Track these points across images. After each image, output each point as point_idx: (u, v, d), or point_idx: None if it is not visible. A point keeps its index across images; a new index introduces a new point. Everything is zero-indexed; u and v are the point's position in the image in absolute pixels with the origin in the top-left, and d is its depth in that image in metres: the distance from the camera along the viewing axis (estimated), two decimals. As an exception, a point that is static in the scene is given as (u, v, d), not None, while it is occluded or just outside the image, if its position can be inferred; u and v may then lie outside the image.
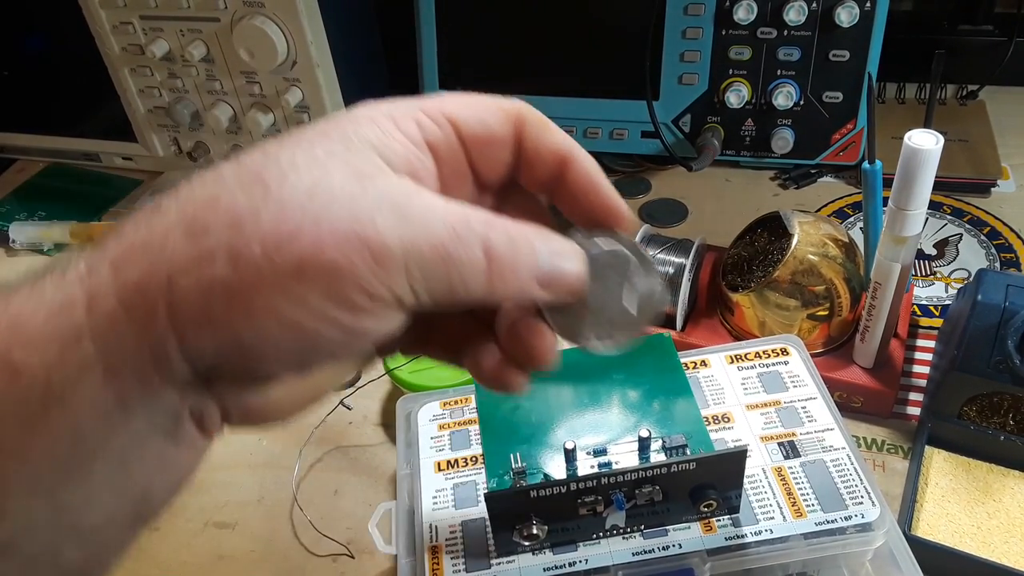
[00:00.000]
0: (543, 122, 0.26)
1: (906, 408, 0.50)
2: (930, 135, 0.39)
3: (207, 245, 0.20)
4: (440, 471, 0.41)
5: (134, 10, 0.64)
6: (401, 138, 0.24)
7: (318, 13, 0.61)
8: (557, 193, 0.27)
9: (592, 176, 0.26)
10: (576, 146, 0.26)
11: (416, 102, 0.25)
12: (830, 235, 0.48)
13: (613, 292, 0.26)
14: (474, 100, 0.26)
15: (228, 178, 0.22)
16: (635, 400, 0.40)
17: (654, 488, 0.34)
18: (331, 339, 0.22)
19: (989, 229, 0.61)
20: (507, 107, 0.26)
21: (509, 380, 0.26)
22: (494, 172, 0.27)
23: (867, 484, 0.37)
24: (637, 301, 0.26)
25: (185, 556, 0.46)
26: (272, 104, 0.66)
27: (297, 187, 0.21)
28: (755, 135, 0.66)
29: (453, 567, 0.36)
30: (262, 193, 0.21)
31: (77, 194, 0.76)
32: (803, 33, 0.61)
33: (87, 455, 0.21)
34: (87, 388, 0.20)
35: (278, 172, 0.22)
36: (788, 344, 0.45)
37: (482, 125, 0.25)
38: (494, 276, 0.23)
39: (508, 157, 0.26)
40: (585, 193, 0.26)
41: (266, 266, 0.20)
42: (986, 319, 0.42)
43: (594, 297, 0.25)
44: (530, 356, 0.26)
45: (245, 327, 0.21)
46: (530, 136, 0.26)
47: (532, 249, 0.23)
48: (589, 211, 0.27)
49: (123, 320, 0.20)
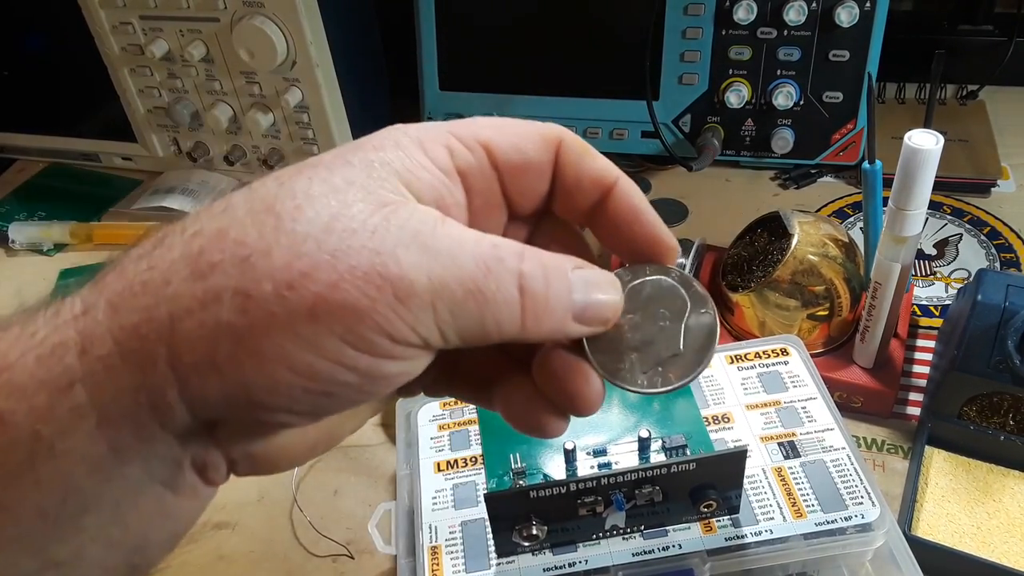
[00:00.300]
0: (584, 148, 0.24)
1: (906, 408, 0.49)
2: (930, 135, 0.39)
3: (213, 284, 0.19)
4: (440, 471, 0.41)
5: (134, 10, 0.64)
6: (429, 164, 0.22)
7: (318, 13, 0.61)
8: (597, 223, 0.25)
9: (636, 204, 0.24)
10: (619, 173, 0.24)
11: (447, 126, 0.23)
12: (830, 235, 0.48)
13: (660, 327, 0.24)
14: (510, 124, 0.24)
15: (238, 209, 0.20)
16: (635, 400, 0.40)
17: (654, 488, 0.34)
18: (348, 385, 0.20)
19: (989, 229, 0.61)
20: (545, 132, 0.24)
21: (545, 423, 0.24)
22: (529, 201, 0.25)
23: (867, 484, 0.37)
24: (683, 336, 0.24)
25: (184, 556, 0.46)
26: (272, 104, 0.66)
27: (313, 220, 0.19)
28: (755, 135, 0.66)
29: (453, 568, 0.36)
30: (274, 226, 0.19)
31: (77, 194, 0.76)
32: (803, 33, 0.61)
33: (79, 508, 0.20)
34: (79, 439, 0.19)
35: (292, 204, 0.20)
36: (788, 344, 0.45)
37: (518, 151, 0.23)
38: (528, 314, 0.21)
39: (545, 186, 0.24)
40: (629, 224, 0.24)
41: (278, 307, 0.19)
42: (986, 319, 0.42)
43: (639, 333, 0.24)
44: (571, 399, 0.23)
45: (254, 374, 0.19)
46: (570, 163, 0.24)
47: (566, 281, 0.22)
48: (632, 242, 0.25)
49: (119, 366, 0.19)
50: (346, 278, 0.19)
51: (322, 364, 0.19)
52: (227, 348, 0.19)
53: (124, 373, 0.19)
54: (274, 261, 0.19)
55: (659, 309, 0.24)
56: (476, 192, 0.23)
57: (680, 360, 0.24)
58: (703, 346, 0.24)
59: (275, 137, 0.69)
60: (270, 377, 0.19)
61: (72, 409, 0.19)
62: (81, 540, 0.20)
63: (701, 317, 0.24)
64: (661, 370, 0.24)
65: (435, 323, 0.20)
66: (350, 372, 0.20)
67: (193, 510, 0.22)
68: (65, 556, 0.20)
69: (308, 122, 0.66)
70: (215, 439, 0.21)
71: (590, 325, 0.22)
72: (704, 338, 0.24)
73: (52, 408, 0.19)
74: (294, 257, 0.19)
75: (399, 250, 0.19)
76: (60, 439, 0.19)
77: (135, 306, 0.19)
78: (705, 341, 0.24)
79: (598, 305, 0.22)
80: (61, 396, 0.19)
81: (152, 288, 0.19)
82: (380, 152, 0.22)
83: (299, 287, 0.19)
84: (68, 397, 0.19)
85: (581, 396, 0.23)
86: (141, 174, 0.77)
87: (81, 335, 0.19)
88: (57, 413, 0.19)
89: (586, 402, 0.23)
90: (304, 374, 0.19)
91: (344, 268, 0.19)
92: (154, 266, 0.20)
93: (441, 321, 0.20)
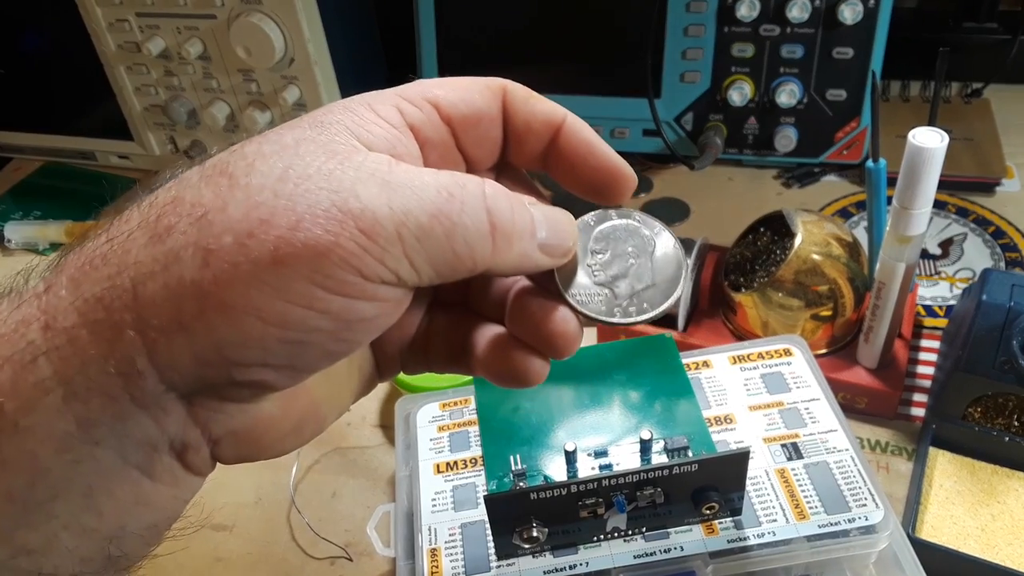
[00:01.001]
0: (528, 92, 0.25)
1: (910, 409, 0.49)
2: (934, 133, 0.39)
3: (172, 245, 0.19)
4: (439, 473, 0.40)
5: (130, 7, 0.63)
6: (380, 120, 0.22)
7: (316, 10, 0.61)
8: (553, 163, 0.25)
9: (588, 138, 0.25)
10: (566, 111, 0.25)
11: (395, 90, 0.24)
12: (834, 234, 0.48)
13: (629, 264, 0.25)
14: (455, 80, 0.25)
15: (192, 177, 0.20)
16: (636, 401, 0.39)
17: (655, 490, 0.34)
18: (323, 330, 0.19)
19: (994, 228, 0.61)
20: (489, 82, 0.25)
21: (526, 368, 0.24)
22: (485, 152, 0.25)
23: (871, 486, 0.37)
24: (652, 269, 0.25)
25: (182, 558, 0.45)
26: (270, 102, 0.66)
27: (267, 173, 0.19)
28: (758, 133, 0.66)
29: (452, 570, 0.36)
30: (228, 184, 0.19)
31: (73, 193, 0.76)
32: (806, 30, 0.61)
33: (48, 493, 0.19)
34: (44, 414, 0.18)
35: (244, 163, 0.20)
36: (791, 345, 0.44)
37: (466, 104, 0.24)
38: (498, 233, 0.21)
39: (497, 134, 0.25)
40: (582, 156, 0.25)
41: (240, 256, 0.18)
42: (991, 319, 0.42)
43: (610, 269, 0.25)
44: (549, 339, 0.24)
45: (224, 328, 0.18)
46: (517, 108, 0.25)
47: (528, 209, 0.22)
48: (589, 175, 0.25)
49: (84, 337, 0.18)
50: (306, 218, 0.19)
51: (293, 310, 0.19)
52: (192, 306, 0.18)
53: (90, 344, 0.18)
54: (231, 214, 0.19)
55: (627, 247, 0.25)
56: (430, 146, 0.24)
57: (653, 291, 0.25)
58: (673, 276, 0.25)
59: (273, 135, 0.68)
60: (240, 329, 0.19)
61: (36, 384, 0.18)
62: (52, 527, 0.19)
63: (668, 251, 0.25)
64: (636, 300, 0.25)
65: (404, 254, 0.20)
66: (323, 316, 0.19)
67: (173, 499, 0.22)
68: (36, 543, 0.19)
69: (307, 120, 0.66)
70: (193, 415, 0.20)
71: (553, 256, 0.23)
72: (673, 268, 0.25)
73: (15, 383, 0.18)
74: (251, 207, 0.19)
75: (358, 186, 0.19)
76: (24, 415, 0.18)
77: (97, 277, 0.19)
78: (675, 271, 0.25)
79: (558, 233, 0.23)
80: (24, 371, 0.18)
81: (113, 259, 0.19)
82: (329, 114, 0.22)
83: (259, 234, 0.18)
84: (32, 372, 0.18)
85: (560, 334, 0.23)
86: (137, 173, 0.77)
87: (44, 312, 0.19)
88: (20, 388, 0.18)
89: (565, 340, 0.24)
90: (275, 322, 0.19)
91: (303, 209, 0.19)
92: (113, 238, 0.20)
93: (410, 250, 0.20)
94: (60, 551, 0.20)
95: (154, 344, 0.19)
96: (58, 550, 0.20)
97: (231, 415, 0.21)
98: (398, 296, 0.21)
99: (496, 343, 0.25)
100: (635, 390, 0.40)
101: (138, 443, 0.20)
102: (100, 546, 0.20)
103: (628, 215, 0.26)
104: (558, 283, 0.24)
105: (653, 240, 0.25)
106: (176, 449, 0.21)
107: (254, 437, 0.22)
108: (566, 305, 0.24)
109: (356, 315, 0.20)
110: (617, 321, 0.24)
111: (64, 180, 0.78)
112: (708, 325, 0.52)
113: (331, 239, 0.19)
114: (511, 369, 0.24)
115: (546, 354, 0.24)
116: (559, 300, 0.24)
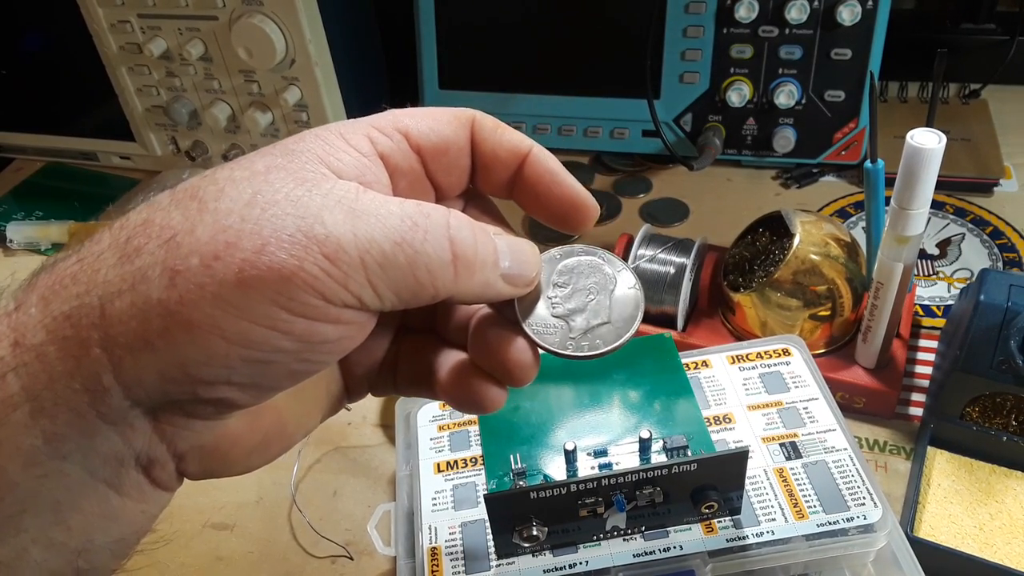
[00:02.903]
0: (496, 123, 0.26)
1: (908, 409, 0.49)
2: (932, 134, 0.39)
3: (141, 265, 0.19)
4: (439, 472, 0.41)
5: (132, 8, 0.64)
6: (350, 149, 0.23)
7: (317, 11, 0.61)
8: (518, 191, 0.26)
9: (552, 167, 0.26)
10: (532, 142, 0.26)
11: (366, 119, 0.24)
12: (832, 235, 0.48)
13: (588, 299, 0.26)
14: (425, 111, 0.25)
15: (163, 200, 0.21)
16: (636, 401, 0.40)
17: (655, 489, 0.34)
18: (286, 351, 0.20)
19: (992, 229, 0.61)
20: (458, 113, 0.25)
21: (483, 395, 0.25)
22: (453, 180, 0.26)
23: (869, 485, 0.37)
24: (611, 306, 0.26)
25: (183, 557, 0.45)
26: (271, 103, 0.66)
27: (235, 199, 0.20)
28: (756, 134, 0.66)
29: (453, 569, 0.36)
30: (198, 208, 0.20)
31: (75, 193, 0.76)
32: (805, 31, 0.61)
33: (16, 507, 0.19)
34: (12, 429, 0.19)
35: (215, 188, 0.20)
36: (790, 344, 0.45)
37: (435, 133, 0.25)
38: (460, 262, 0.21)
39: (466, 162, 0.26)
40: (547, 185, 0.26)
41: (206, 277, 0.19)
42: (989, 319, 0.42)
43: (569, 303, 0.25)
44: (506, 368, 0.24)
45: (188, 347, 0.19)
46: (485, 138, 0.25)
47: (492, 239, 0.23)
48: (552, 204, 0.26)
49: (52, 354, 0.19)
50: (271, 242, 0.19)
51: (255, 330, 0.19)
52: (158, 324, 0.19)
53: (57, 361, 0.19)
54: (199, 237, 0.19)
55: (588, 283, 0.26)
56: (400, 174, 0.24)
57: (607, 328, 0.25)
58: (630, 316, 0.26)
59: (274, 136, 0.68)
60: (204, 348, 0.19)
61: (4, 400, 0.19)
62: (21, 541, 0.20)
63: (628, 291, 0.26)
64: (589, 336, 0.25)
65: (367, 279, 0.20)
66: (285, 337, 0.20)
67: (141, 514, 0.22)
68: (4, 556, 0.20)
69: (307, 121, 0.66)
70: (158, 431, 0.21)
71: (516, 286, 0.24)
72: (631, 308, 0.26)
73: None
74: (218, 231, 0.19)
75: (324, 213, 0.20)
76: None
77: (66, 296, 0.19)
78: (631, 311, 0.26)
79: (522, 263, 0.24)
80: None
81: (82, 278, 0.20)
82: (301, 143, 0.22)
83: (225, 256, 0.19)
84: (0, 388, 0.19)
85: (515, 364, 0.24)
86: (139, 173, 0.77)
87: (13, 329, 0.19)
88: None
89: (520, 370, 0.24)
90: (238, 342, 0.19)
91: (268, 233, 0.19)
92: (83, 258, 0.20)
93: (373, 276, 0.20)
94: (29, 564, 0.20)
95: (120, 361, 0.19)
96: (27, 563, 0.20)
97: (197, 431, 0.21)
98: (361, 319, 0.21)
99: (457, 370, 0.25)
100: (634, 390, 0.40)
101: (105, 458, 0.20)
102: (68, 560, 0.21)
103: (593, 252, 0.27)
104: (518, 313, 0.25)
105: (615, 278, 0.26)
106: (143, 464, 0.21)
107: (220, 453, 0.23)
108: (523, 335, 0.25)
109: (319, 336, 0.20)
110: (568, 354, 0.25)
111: (66, 181, 0.78)
112: (707, 325, 0.52)
113: (295, 263, 0.19)
114: (469, 396, 0.25)
115: (503, 382, 0.25)
116: (517, 330, 0.25)
